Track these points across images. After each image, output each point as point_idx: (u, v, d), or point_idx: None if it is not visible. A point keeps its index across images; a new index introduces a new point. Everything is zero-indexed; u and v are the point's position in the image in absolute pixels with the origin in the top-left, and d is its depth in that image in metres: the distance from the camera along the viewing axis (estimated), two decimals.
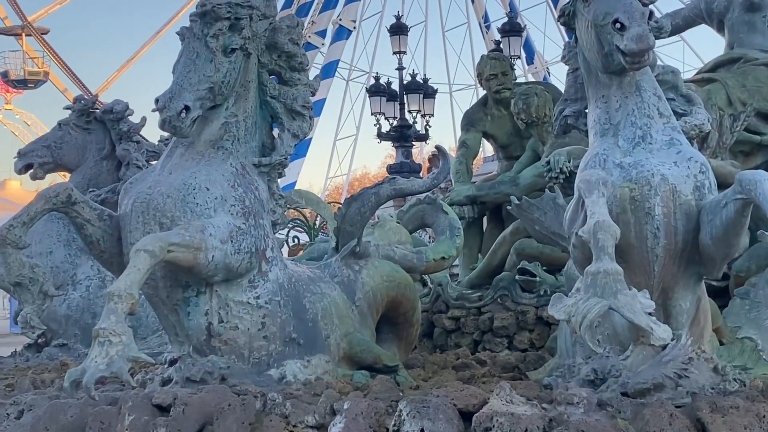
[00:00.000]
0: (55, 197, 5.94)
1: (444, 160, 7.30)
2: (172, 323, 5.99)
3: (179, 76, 5.82)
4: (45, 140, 9.66)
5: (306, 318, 6.16)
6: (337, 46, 47.68)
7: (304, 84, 6.34)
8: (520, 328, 8.54)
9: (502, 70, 10.38)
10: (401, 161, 27.43)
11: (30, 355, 8.85)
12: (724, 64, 9.24)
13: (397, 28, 28.32)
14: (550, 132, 9.35)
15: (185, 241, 5.47)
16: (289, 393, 5.40)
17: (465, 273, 10.01)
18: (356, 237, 6.82)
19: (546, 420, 4.59)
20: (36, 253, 8.65)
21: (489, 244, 9.78)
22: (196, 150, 6.02)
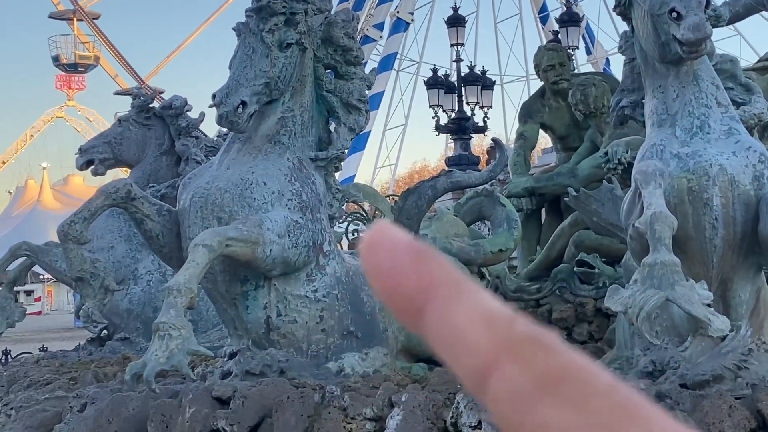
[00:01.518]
0: (115, 193, 6.03)
1: (501, 152, 7.28)
2: (231, 317, 6.05)
3: (236, 72, 5.87)
4: (105, 136, 9.79)
5: (364, 311, 6.18)
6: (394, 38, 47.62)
7: (359, 78, 6.35)
8: (578, 320, 8.47)
9: (559, 61, 10.30)
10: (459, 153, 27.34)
11: (93, 348, 8.98)
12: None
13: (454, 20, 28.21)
14: (608, 123, 9.23)
15: (243, 235, 5.53)
16: (348, 386, 5.43)
17: (523, 265, 9.96)
18: (414, 230, 6.82)
19: None
20: (97, 249, 8.77)
21: (547, 236, 9.72)
22: (253, 145, 6.07)
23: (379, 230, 0.61)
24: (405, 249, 0.60)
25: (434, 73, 27.73)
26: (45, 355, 9.29)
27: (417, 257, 0.60)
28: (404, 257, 0.59)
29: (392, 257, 0.60)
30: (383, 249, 0.60)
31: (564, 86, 10.12)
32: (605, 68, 42.18)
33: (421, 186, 7.03)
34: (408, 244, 0.60)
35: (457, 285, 0.59)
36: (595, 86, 9.46)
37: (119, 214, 9.03)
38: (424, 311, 0.59)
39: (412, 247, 0.60)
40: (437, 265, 0.60)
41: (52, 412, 5.98)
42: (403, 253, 0.60)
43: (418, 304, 0.59)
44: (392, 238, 0.60)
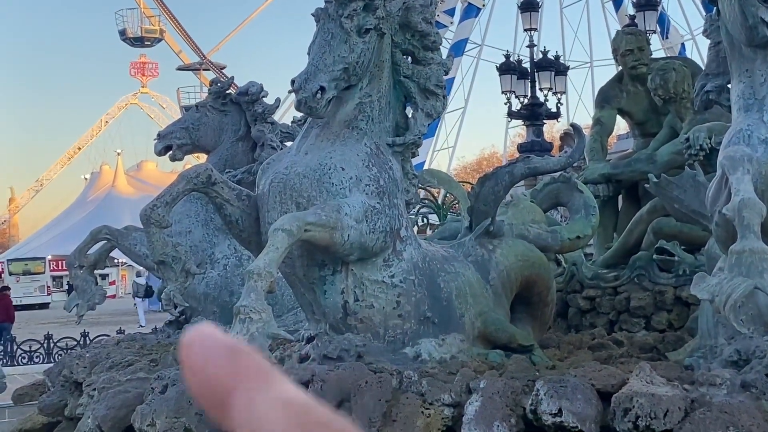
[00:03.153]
0: (196, 177, 6.09)
1: (580, 137, 7.19)
2: (309, 301, 6.08)
3: (314, 57, 5.88)
4: (183, 122, 9.89)
5: (440, 297, 6.17)
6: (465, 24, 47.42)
7: (437, 63, 6.32)
8: (657, 308, 8.35)
9: (638, 45, 10.13)
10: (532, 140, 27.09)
11: (171, 331, 9.11)
12: None
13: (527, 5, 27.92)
14: (688, 108, 9.09)
15: (321, 220, 5.54)
16: (425, 371, 5.43)
17: (600, 252, 9.85)
18: (490, 216, 6.78)
19: (688, 401, 4.50)
20: (175, 233, 8.85)
21: (624, 223, 9.59)
22: (331, 130, 6.08)
23: (197, 331, 0.67)
24: (218, 346, 0.66)
25: (507, 58, 27.51)
26: (124, 338, 9.44)
27: (229, 353, 0.66)
28: (217, 354, 0.66)
29: (205, 354, 0.66)
30: (198, 347, 0.66)
31: (642, 71, 9.97)
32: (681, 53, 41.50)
33: (498, 171, 6.98)
34: (222, 342, 0.67)
35: (263, 377, 0.66)
36: (675, 71, 9.29)
37: (196, 200, 9.14)
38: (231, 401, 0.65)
39: (226, 345, 0.66)
40: (247, 359, 0.66)
41: (134, 392, 6.08)
42: (216, 350, 0.66)
43: (224, 395, 0.65)
44: (208, 337, 0.67)
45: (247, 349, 0.67)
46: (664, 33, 47.33)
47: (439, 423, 4.99)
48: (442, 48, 6.68)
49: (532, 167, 6.94)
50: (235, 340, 0.68)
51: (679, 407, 4.44)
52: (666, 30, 46.84)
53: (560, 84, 27.45)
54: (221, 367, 0.66)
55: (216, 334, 0.68)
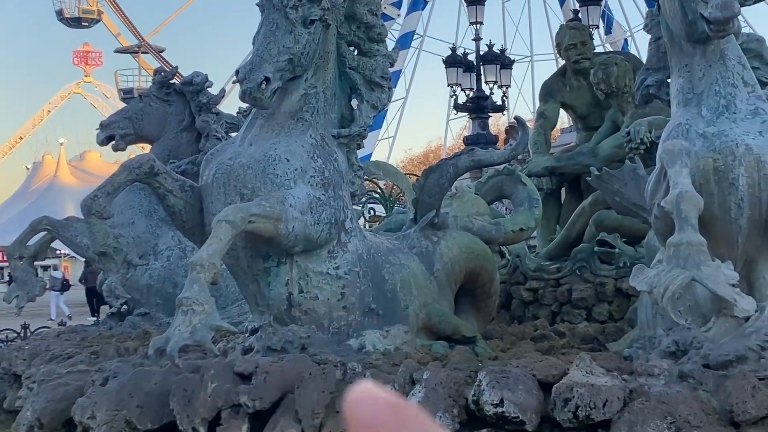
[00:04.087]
0: (138, 168, 6.04)
1: (524, 131, 7.25)
2: (253, 293, 6.07)
3: (259, 48, 5.86)
4: (126, 112, 9.80)
5: (385, 288, 6.18)
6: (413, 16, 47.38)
7: (383, 55, 6.33)
8: (598, 299, 8.47)
9: (581, 40, 10.24)
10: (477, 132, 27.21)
11: (113, 323, 9.02)
12: None
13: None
14: (630, 102, 9.22)
15: (266, 212, 5.53)
16: (369, 363, 5.45)
17: (543, 244, 9.95)
18: (435, 208, 6.81)
19: (626, 391, 4.57)
20: (118, 224, 8.78)
21: (567, 216, 9.70)
22: (275, 121, 6.06)
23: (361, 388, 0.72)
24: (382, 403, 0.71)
25: (453, 51, 27.60)
26: (65, 330, 9.33)
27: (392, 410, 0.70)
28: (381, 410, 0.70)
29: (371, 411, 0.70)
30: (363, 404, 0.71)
31: (586, 65, 10.08)
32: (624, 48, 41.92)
33: (443, 164, 7.01)
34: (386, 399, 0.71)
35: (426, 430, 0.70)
36: (617, 65, 9.41)
37: (140, 190, 9.06)
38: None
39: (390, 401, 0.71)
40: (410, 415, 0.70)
41: (74, 385, 6.01)
42: (381, 407, 0.70)
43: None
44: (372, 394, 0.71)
45: (409, 405, 0.72)
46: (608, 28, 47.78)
47: None
48: (389, 40, 6.68)
49: (477, 160, 6.98)
50: (397, 397, 0.72)
51: (618, 397, 4.50)
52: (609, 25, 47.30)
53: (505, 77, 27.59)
54: (386, 423, 0.70)
55: (379, 391, 0.73)
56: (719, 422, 4.40)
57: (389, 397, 0.71)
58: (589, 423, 4.48)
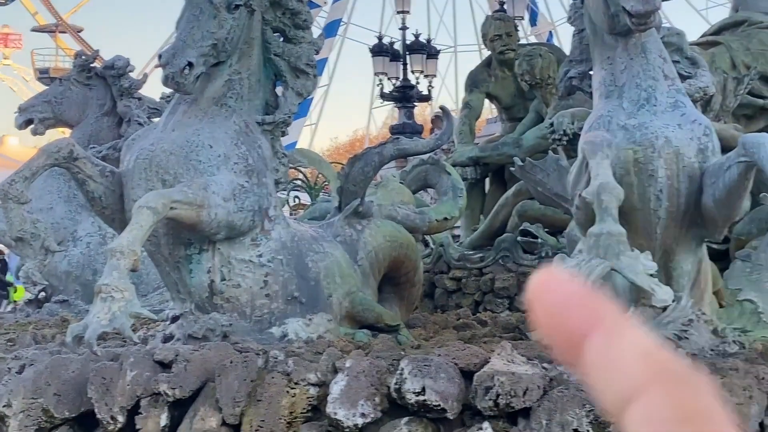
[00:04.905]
0: (57, 152, 5.92)
1: (448, 120, 7.27)
2: (174, 280, 5.99)
3: (182, 32, 5.78)
4: (45, 95, 9.63)
5: (308, 277, 6.16)
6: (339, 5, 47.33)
7: (308, 42, 6.29)
8: (521, 289, 8.54)
9: (506, 31, 10.32)
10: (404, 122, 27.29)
11: (30, 310, 8.86)
12: (729, 27, 9.21)
13: None
14: (553, 94, 9.32)
15: (188, 198, 5.46)
16: (291, 351, 5.42)
17: (467, 234, 10.03)
18: (359, 196, 6.80)
19: (546, 379, 4.62)
20: (36, 209, 8.61)
21: (491, 206, 9.79)
22: (199, 107, 5.99)
23: (550, 275, 0.69)
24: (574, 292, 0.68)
25: (379, 40, 27.62)
26: None
27: (585, 299, 0.68)
28: (573, 299, 0.67)
29: (562, 299, 0.68)
30: (554, 292, 0.68)
31: (510, 56, 10.16)
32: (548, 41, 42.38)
33: (368, 153, 7.00)
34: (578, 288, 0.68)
35: (620, 321, 0.67)
36: (541, 57, 9.50)
37: (59, 175, 8.90)
38: (585, 342, 0.66)
39: (582, 291, 0.68)
40: (602, 304, 0.68)
41: None
42: (572, 295, 0.68)
43: (580, 337, 0.67)
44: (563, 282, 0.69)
45: (602, 296, 0.68)
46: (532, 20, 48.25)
47: (304, 402, 4.99)
48: (315, 27, 6.65)
49: (402, 149, 6.99)
50: (590, 286, 0.69)
51: (538, 386, 4.54)
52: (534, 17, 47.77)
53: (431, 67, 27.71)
54: (578, 313, 0.67)
55: (569, 278, 0.69)
56: None
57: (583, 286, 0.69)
58: (509, 411, 4.52)
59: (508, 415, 4.57)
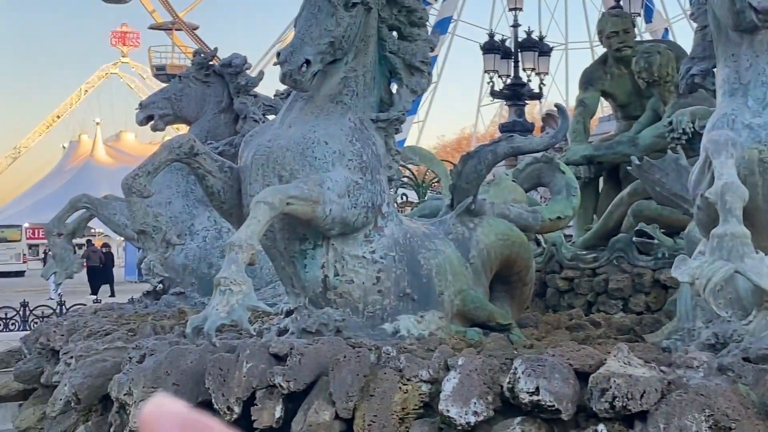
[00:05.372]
0: (178, 148, 6.06)
1: (564, 118, 7.19)
2: (289, 275, 6.07)
3: (301, 30, 5.85)
4: (165, 92, 9.85)
5: (420, 274, 6.17)
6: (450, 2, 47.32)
7: (423, 39, 6.30)
8: (635, 290, 8.41)
9: (623, 28, 10.13)
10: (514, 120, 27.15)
11: (148, 302, 9.09)
12: None
13: None
14: (672, 92, 9.13)
15: (304, 194, 5.53)
16: (403, 347, 5.43)
17: (579, 234, 9.90)
18: (472, 194, 6.78)
19: (664, 383, 4.52)
20: (155, 203, 8.81)
21: (604, 205, 9.64)
22: (315, 104, 6.06)
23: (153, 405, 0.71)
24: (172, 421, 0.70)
25: (491, 37, 27.49)
26: (102, 307, 9.41)
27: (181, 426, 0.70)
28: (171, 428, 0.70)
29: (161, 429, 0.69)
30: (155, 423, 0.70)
31: (627, 53, 9.98)
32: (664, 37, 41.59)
33: (481, 150, 6.97)
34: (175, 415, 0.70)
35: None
36: (659, 54, 9.31)
37: (177, 170, 9.12)
38: None
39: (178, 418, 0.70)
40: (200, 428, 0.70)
41: (111, 361, 6.06)
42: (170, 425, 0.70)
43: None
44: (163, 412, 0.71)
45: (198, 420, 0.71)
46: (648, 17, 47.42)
47: (416, 399, 4.99)
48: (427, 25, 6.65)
49: (516, 146, 6.93)
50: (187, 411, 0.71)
51: (655, 389, 4.45)
52: (649, 14, 46.92)
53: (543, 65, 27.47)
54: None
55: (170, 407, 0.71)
56: (758, 416, 4.34)
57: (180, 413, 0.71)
58: (625, 414, 4.44)
59: (624, 418, 4.49)
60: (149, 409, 0.69)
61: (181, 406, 0.69)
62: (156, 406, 0.69)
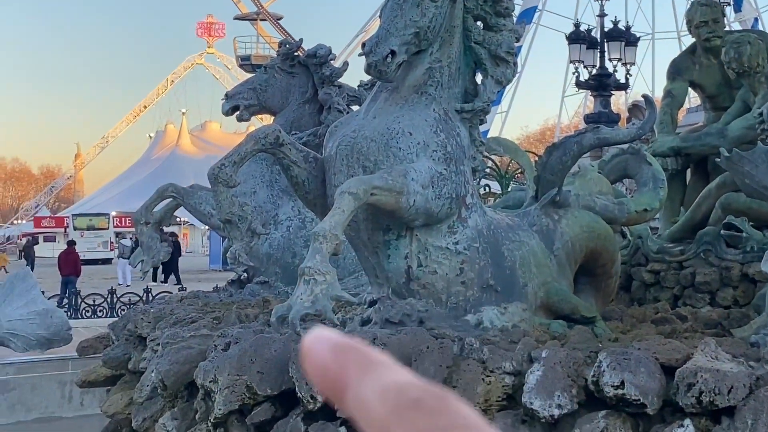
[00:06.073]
0: (264, 138, 6.13)
1: (651, 109, 7.08)
2: (373, 265, 6.10)
3: (386, 21, 5.86)
4: (251, 83, 9.94)
5: (504, 265, 6.14)
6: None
7: (509, 30, 6.25)
8: (723, 284, 8.25)
9: (713, 17, 9.92)
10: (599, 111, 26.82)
11: (233, 290, 9.20)
12: None
13: None
14: (762, 82, 8.92)
15: (388, 184, 5.54)
16: (486, 339, 5.42)
17: (666, 226, 9.74)
18: (557, 186, 6.72)
19: (753, 378, 4.45)
20: (240, 193, 8.92)
21: (692, 198, 9.48)
22: (399, 95, 6.06)
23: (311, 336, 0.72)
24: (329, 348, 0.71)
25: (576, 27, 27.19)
26: (187, 295, 9.56)
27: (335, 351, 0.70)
28: (329, 354, 0.70)
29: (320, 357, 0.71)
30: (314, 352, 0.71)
31: (716, 43, 9.78)
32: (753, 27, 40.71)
33: (567, 141, 6.90)
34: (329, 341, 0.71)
35: (365, 366, 0.69)
36: (750, 44, 9.10)
37: (262, 161, 9.20)
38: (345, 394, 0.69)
39: (335, 344, 0.71)
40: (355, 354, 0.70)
41: (197, 349, 6.16)
42: (328, 351, 0.70)
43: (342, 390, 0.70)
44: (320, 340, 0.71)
45: (355, 345, 0.71)
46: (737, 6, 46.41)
47: (499, 390, 4.99)
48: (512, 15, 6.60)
49: (602, 138, 6.85)
50: (344, 338, 0.72)
51: (743, 384, 4.39)
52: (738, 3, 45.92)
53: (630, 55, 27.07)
54: (335, 367, 0.70)
55: (326, 336, 0.72)
56: None
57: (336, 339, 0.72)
58: (712, 409, 4.39)
59: (711, 413, 4.43)
60: (308, 338, 0.72)
61: (335, 333, 0.73)
62: (314, 334, 0.72)
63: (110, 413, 7.53)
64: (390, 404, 0.66)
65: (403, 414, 0.65)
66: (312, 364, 0.72)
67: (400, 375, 0.69)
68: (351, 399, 0.69)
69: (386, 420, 0.65)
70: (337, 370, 0.70)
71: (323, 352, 0.71)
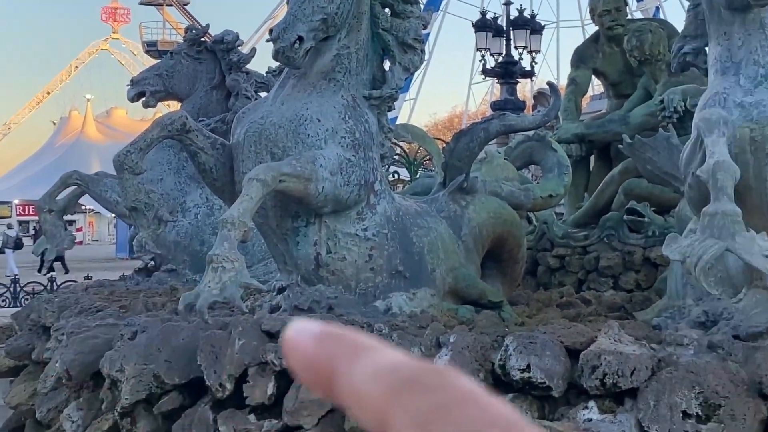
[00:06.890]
0: (170, 124, 6.05)
1: (556, 96, 7.19)
2: (281, 252, 6.08)
3: (293, 6, 5.83)
4: (157, 69, 9.81)
5: (412, 251, 6.18)
6: None
7: (416, 16, 6.28)
8: (626, 268, 8.43)
9: (615, 6, 10.11)
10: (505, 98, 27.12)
11: (140, 279, 9.08)
12: None
13: None
14: (663, 70, 9.13)
15: (296, 171, 5.53)
16: (395, 324, 5.45)
17: (570, 212, 9.91)
18: (464, 172, 6.78)
19: (655, 360, 4.55)
20: (147, 180, 8.78)
21: (595, 184, 9.66)
22: (307, 81, 6.04)
23: (291, 329, 0.69)
24: (311, 337, 0.68)
25: (483, 15, 27.43)
26: (93, 284, 9.41)
27: (320, 341, 0.67)
28: (311, 345, 0.67)
29: (303, 348, 0.68)
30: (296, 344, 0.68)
31: (619, 32, 9.97)
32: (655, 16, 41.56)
33: (473, 128, 6.97)
34: (312, 331, 0.68)
35: (354, 352, 0.66)
36: (651, 32, 9.30)
37: (168, 147, 9.09)
38: (334, 384, 0.66)
39: (315, 333, 0.68)
40: (340, 341, 0.67)
41: (103, 338, 6.06)
42: (310, 342, 0.67)
43: (330, 379, 0.66)
44: (302, 331, 0.68)
45: (339, 332, 0.69)
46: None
47: None
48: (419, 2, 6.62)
49: (508, 124, 6.94)
50: (327, 327, 0.69)
51: (646, 366, 4.48)
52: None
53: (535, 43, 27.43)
54: (322, 358, 0.68)
55: (308, 327, 0.70)
56: (748, 393, 4.37)
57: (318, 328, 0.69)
58: (616, 391, 4.47)
59: (614, 395, 4.52)
60: (289, 332, 0.69)
61: (317, 324, 0.69)
62: (295, 328, 0.70)
63: (13, 404, 7.36)
64: (385, 387, 0.63)
65: (400, 395, 0.62)
66: (297, 358, 0.69)
67: (393, 356, 0.66)
68: (343, 388, 0.66)
69: (383, 404, 0.63)
70: (324, 361, 0.67)
71: (307, 344, 0.68)
